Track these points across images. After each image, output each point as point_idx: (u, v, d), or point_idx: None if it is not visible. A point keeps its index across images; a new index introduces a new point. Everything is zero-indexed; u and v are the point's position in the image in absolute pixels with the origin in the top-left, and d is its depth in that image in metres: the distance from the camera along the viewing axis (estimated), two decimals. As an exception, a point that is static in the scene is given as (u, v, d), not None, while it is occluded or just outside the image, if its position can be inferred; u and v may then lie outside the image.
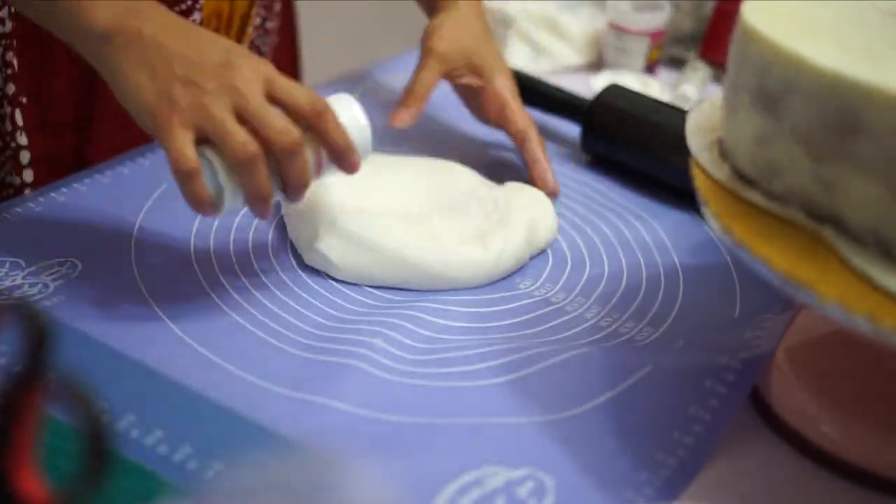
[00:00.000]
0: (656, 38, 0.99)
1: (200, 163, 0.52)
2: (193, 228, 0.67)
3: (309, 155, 0.55)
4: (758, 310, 0.63)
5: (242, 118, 0.52)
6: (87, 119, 0.75)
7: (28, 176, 0.74)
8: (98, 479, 0.33)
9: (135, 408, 0.50)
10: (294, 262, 0.65)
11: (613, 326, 0.61)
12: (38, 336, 0.33)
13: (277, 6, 0.88)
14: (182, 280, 0.61)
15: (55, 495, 0.35)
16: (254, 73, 0.53)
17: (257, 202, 0.54)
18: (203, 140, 0.53)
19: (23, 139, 0.72)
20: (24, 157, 0.73)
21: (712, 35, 1.02)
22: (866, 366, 0.55)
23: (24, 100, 0.71)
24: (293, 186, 0.55)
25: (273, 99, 0.54)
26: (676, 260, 0.69)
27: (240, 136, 0.52)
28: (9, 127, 0.72)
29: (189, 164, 0.51)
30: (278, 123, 0.52)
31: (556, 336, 0.60)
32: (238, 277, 0.62)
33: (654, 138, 0.77)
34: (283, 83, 0.54)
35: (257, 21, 0.85)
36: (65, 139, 0.75)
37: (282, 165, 0.54)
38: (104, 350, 0.54)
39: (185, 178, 0.52)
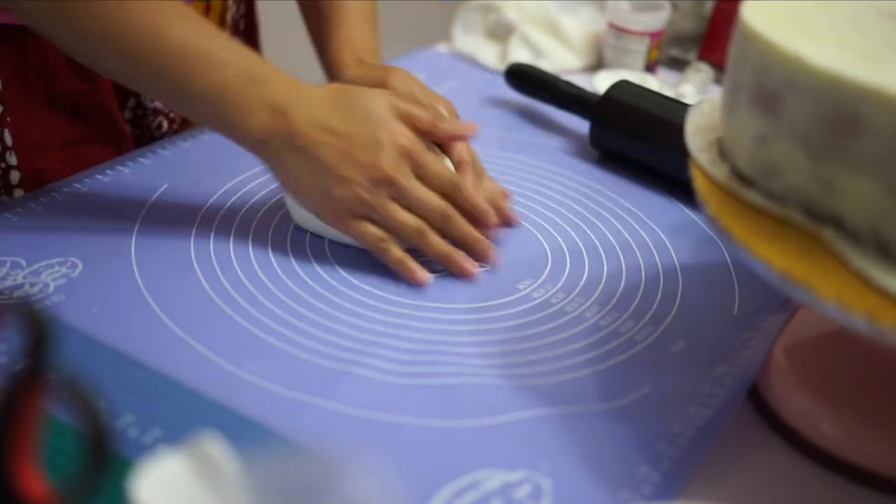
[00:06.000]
0: (656, 38, 0.99)
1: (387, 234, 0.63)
2: (193, 228, 0.67)
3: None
4: (757, 308, 0.63)
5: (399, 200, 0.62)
6: (74, 140, 0.75)
7: (18, 195, 0.73)
8: (98, 478, 0.33)
9: (134, 407, 0.50)
10: (294, 264, 0.65)
11: (613, 326, 0.61)
12: (39, 335, 0.33)
13: (242, 23, 0.87)
14: (182, 280, 0.62)
15: (56, 493, 0.35)
16: (398, 153, 0.61)
17: (446, 264, 0.64)
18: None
19: (12, 159, 0.71)
20: (14, 176, 0.72)
21: (712, 35, 1.02)
22: (865, 365, 0.55)
23: (10, 119, 0.70)
24: (464, 242, 0.64)
25: (418, 176, 0.62)
26: (676, 259, 0.69)
27: (406, 223, 0.62)
28: None
29: (381, 241, 0.62)
30: (430, 201, 0.62)
31: (556, 337, 0.60)
32: (238, 277, 0.63)
33: (663, 133, 0.77)
34: (426, 159, 0.62)
35: None
36: (51, 159, 0.74)
37: (446, 232, 0.63)
38: (104, 350, 0.55)
39: (384, 250, 0.63)
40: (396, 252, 0.62)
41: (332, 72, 0.76)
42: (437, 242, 0.63)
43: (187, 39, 0.59)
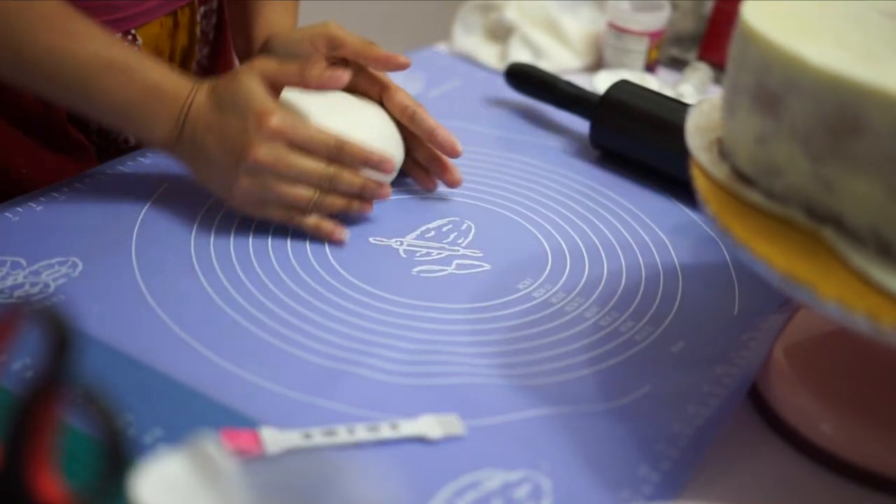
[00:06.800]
0: (656, 38, 0.99)
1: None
2: (193, 228, 0.67)
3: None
4: (757, 308, 0.63)
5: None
6: (33, 147, 0.75)
7: None
8: (115, 484, 0.33)
9: (133, 406, 0.50)
10: (294, 264, 0.65)
11: (613, 326, 0.61)
12: (61, 342, 0.33)
13: (212, 34, 0.87)
14: (182, 280, 0.62)
15: (73, 498, 0.35)
16: (268, 136, 0.62)
17: (318, 236, 0.67)
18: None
19: None
20: None
21: (712, 35, 1.02)
22: (865, 364, 0.55)
23: None
24: (354, 194, 0.67)
25: (295, 147, 0.64)
26: (676, 259, 0.69)
27: (298, 197, 0.65)
28: None
29: (288, 218, 0.66)
30: (311, 170, 0.64)
31: (555, 337, 0.60)
32: (238, 277, 0.63)
33: (663, 133, 0.77)
34: (297, 132, 0.63)
35: (199, 57, 0.84)
36: (14, 165, 0.74)
37: (337, 191, 0.66)
38: (104, 349, 0.55)
39: (298, 224, 0.66)
40: (309, 220, 0.66)
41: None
42: (305, 221, 0.66)
43: (92, 56, 0.62)
